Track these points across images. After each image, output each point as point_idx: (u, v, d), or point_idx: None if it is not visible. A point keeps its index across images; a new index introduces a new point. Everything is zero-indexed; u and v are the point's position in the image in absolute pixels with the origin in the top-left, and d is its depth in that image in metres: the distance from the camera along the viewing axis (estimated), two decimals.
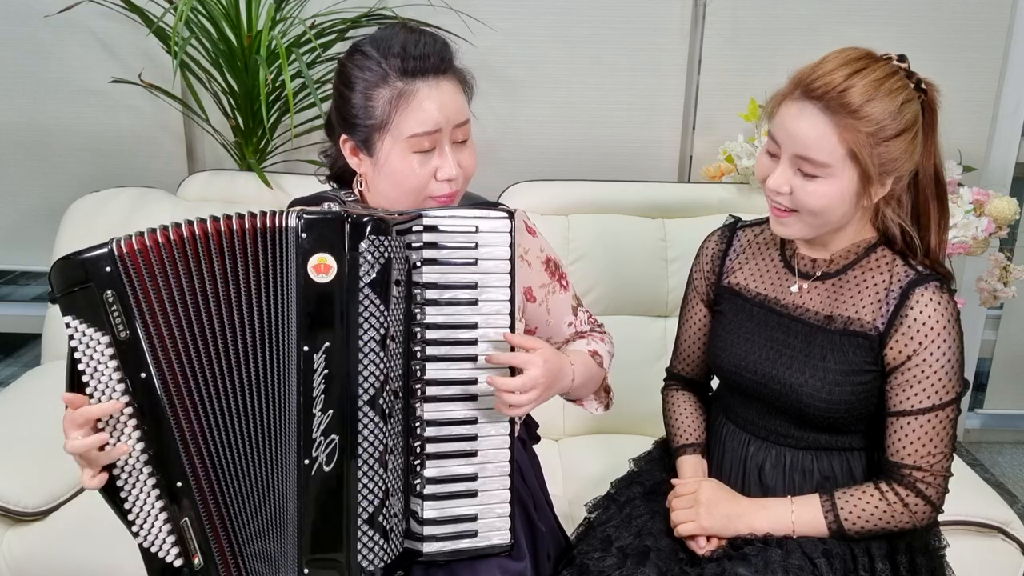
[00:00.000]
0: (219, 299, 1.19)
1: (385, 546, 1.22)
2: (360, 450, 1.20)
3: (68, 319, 1.17)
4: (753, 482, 1.44)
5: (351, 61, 1.33)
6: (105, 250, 1.17)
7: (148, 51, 2.44)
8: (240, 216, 1.20)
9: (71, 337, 1.18)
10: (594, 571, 1.38)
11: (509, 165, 2.55)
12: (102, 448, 1.18)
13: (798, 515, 1.36)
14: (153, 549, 1.22)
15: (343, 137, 1.35)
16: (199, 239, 1.19)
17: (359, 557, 1.21)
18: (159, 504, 1.21)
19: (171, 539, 1.22)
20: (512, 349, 1.29)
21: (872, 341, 1.33)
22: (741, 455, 1.46)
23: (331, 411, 1.19)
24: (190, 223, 1.19)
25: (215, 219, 1.20)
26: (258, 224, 1.19)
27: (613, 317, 2.09)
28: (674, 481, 1.48)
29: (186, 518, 1.21)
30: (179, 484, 1.20)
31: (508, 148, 2.58)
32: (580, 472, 1.95)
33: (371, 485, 1.21)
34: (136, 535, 1.22)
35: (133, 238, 1.18)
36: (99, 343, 1.18)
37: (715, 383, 1.60)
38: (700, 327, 1.56)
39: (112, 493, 1.22)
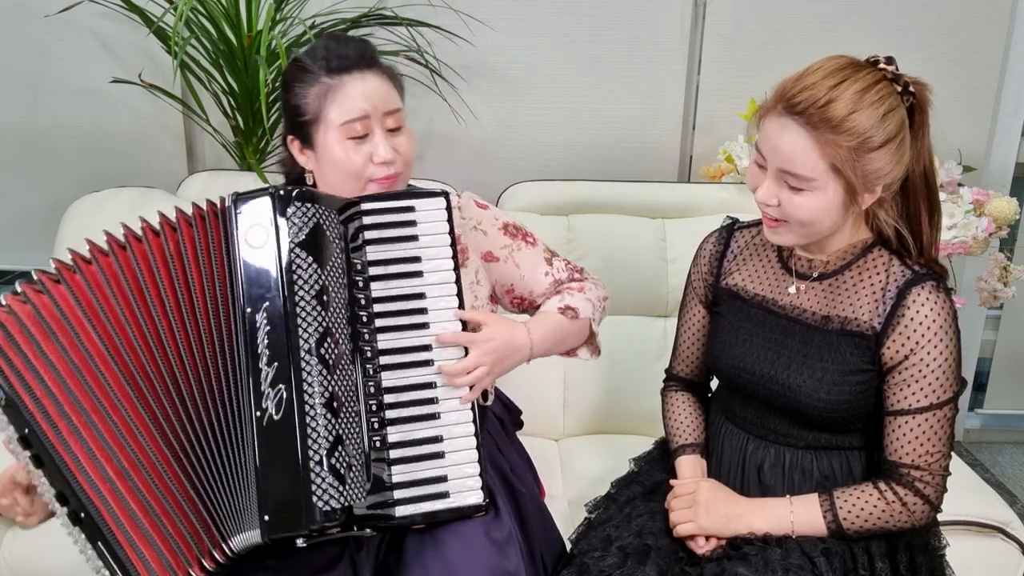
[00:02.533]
0: (161, 292, 1.28)
1: (341, 489, 1.24)
2: (306, 396, 1.24)
3: None
4: (752, 481, 1.44)
5: (288, 73, 1.47)
6: None
7: (148, 51, 2.44)
8: (178, 212, 1.30)
9: None
10: (594, 570, 1.38)
11: (509, 165, 2.55)
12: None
13: (797, 515, 1.36)
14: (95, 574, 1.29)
15: (290, 138, 1.50)
16: (118, 245, 1.29)
17: (314, 499, 1.23)
18: (84, 536, 1.27)
19: (99, 564, 1.28)
20: (464, 326, 1.36)
21: (869, 341, 1.33)
22: (740, 454, 1.46)
23: (276, 363, 1.25)
24: (131, 231, 1.30)
25: (164, 216, 1.30)
26: (196, 212, 1.30)
27: (613, 317, 2.08)
28: (672, 482, 1.48)
29: (99, 542, 1.26)
30: (82, 515, 1.26)
31: (508, 148, 2.58)
32: (580, 472, 1.95)
33: (320, 430, 1.24)
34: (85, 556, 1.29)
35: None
36: None
37: (715, 383, 1.60)
38: (699, 328, 1.56)
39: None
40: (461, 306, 1.36)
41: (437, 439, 1.33)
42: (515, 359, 1.43)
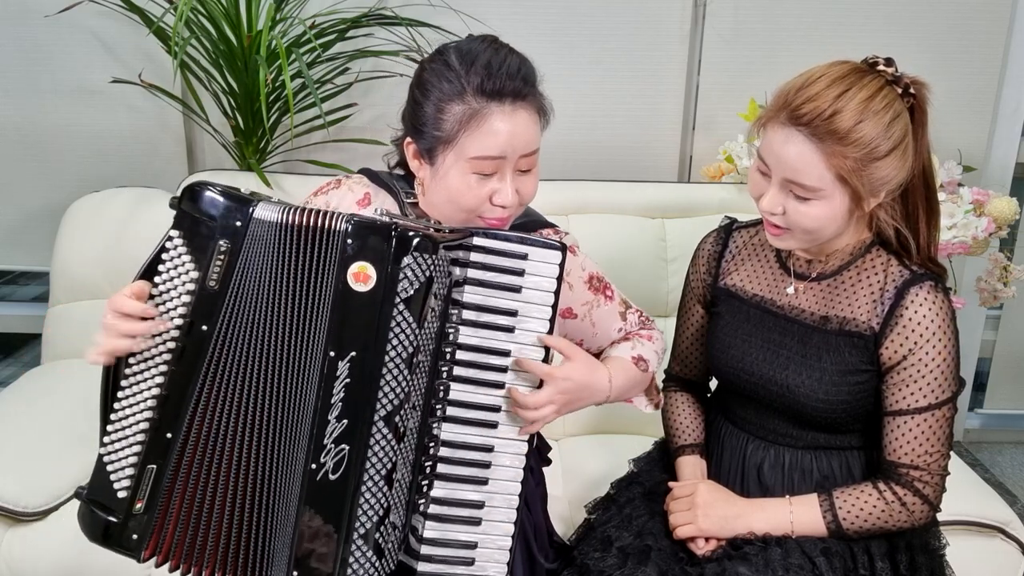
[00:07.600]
0: (266, 287, 1.20)
1: (377, 564, 1.20)
2: (368, 464, 1.18)
3: (174, 232, 1.20)
4: (752, 482, 1.44)
5: (431, 67, 1.30)
6: (247, 208, 1.20)
7: (148, 51, 2.44)
8: (299, 211, 1.20)
9: (165, 249, 1.20)
10: (595, 571, 1.38)
11: None
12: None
13: (796, 515, 1.36)
14: (110, 468, 1.23)
15: (408, 140, 1.33)
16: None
17: (349, 571, 1.19)
18: (141, 436, 1.22)
19: (129, 471, 1.22)
20: (547, 353, 1.27)
21: (867, 341, 1.33)
22: (740, 455, 1.46)
23: (346, 420, 1.17)
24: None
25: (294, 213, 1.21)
26: (310, 222, 1.19)
27: None
28: (671, 484, 1.48)
29: (155, 466, 1.22)
30: (169, 435, 1.21)
31: None
32: (580, 472, 1.95)
33: (372, 501, 1.19)
34: (103, 444, 1.23)
35: (278, 211, 1.19)
36: (187, 274, 1.20)
37: (714, 383, 1.60)
38: (697, 328, 1.56)
39: (108, 395, 1.23)
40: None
41: (479, 505, 1.27)
42: (587, 402, 1.34)
